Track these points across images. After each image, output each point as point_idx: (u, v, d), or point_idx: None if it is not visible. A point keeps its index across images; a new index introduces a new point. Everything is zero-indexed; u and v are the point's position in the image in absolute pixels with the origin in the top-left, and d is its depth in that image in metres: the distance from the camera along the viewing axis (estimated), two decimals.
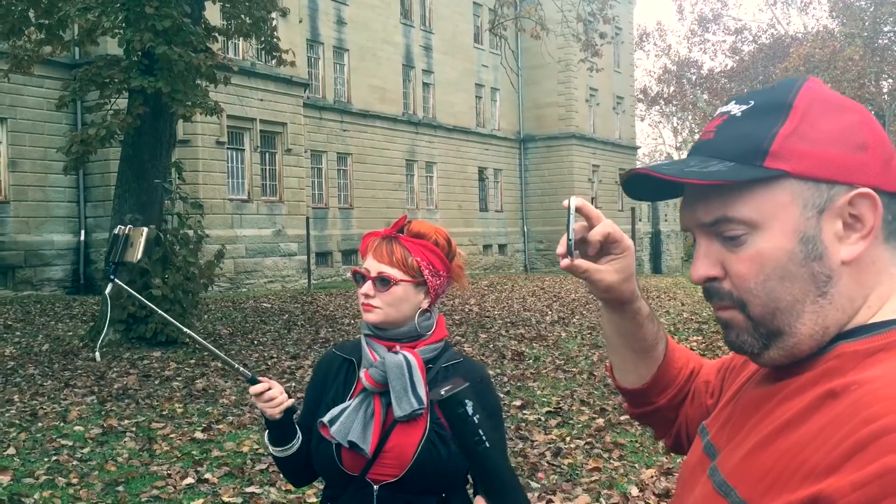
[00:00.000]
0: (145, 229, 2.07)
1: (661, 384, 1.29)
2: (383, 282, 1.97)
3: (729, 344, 0.94)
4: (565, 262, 1.11)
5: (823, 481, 0.74)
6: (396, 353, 1.95)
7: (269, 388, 2.00)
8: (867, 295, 0.87)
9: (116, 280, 2.07)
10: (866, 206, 0.85)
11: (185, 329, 2.22)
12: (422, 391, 1.92)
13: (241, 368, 2.10)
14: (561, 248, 1.11)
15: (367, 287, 1.97)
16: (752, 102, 0.91)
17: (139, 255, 2.06)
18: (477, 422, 0.80)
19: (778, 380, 0.91)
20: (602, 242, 1.15)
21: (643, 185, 1.00)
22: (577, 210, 1.14)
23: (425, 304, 2.02)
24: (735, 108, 0.92)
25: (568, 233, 1.11)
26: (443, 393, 0.80)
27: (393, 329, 2.00)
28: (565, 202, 1.14)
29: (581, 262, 1.13)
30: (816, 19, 64.95)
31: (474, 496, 1.86)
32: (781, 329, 0.88)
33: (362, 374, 1.98)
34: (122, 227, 2.09)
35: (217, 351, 2.19)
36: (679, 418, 1.31)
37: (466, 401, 0.80)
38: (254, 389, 2.00)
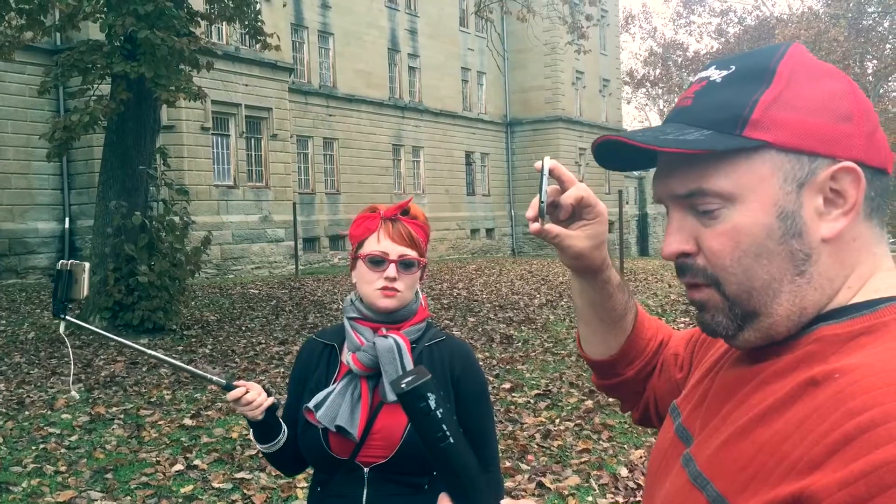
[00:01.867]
0: (87, 264, 2.05)
1: (630, 356, 1.26)
2: (407, 265, 1.93)
3: (702, 325, 0.90)
4: (535, 226, 1.07)
5: (807, 477, 0.70)
6: (386, 336, 1.93)
7: (247, 392, 1.94)
8: (847, 275, 0.83)
9: (68, 318, 2.05)
10: (849, 181, 0.80)
11: (149, 350, 2.18)
12: None
13: (214, 377, 2.04)
14: (531, 210, 1.07)
15: (392, 270, 1.91)
16: (734, 67, 0.85)
17: (85, 292, 2.02)
18: (440, 416, 0.75)
19: (755, 361, 0.87)
20: (574, 207, 1.11)
21: (616, 154, 0.95)
22: (550, 172, 1.10)
23: (419, 285, 2.01)
24: (715, 73, 0.87)
25: (540, 195, 1.06)
26: (403, 386, 0.75)
27: (398, 312, 1.96)
28: (538, 164, 1.10)
29: (552, 227, 1.10)
30: (801, 0, 65.08)
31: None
32: (757, 310, 0.84)
33: (349, 357, 1.95)
34: (64, 263, 2.05)
35: (184, 365, 2.14)
36: (647, 391, 1.28)
37: (429, 394, 0.75)
38: (231, 396, 1.94)
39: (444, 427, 0.77)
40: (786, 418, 0.77)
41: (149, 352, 2.17)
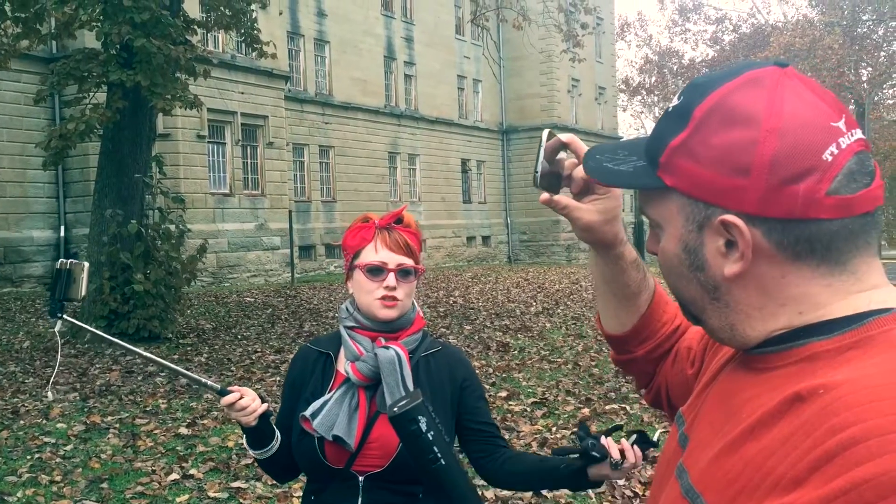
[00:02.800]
0: (86, 264, 2.02)
1: (642, 335, 1.28)
2: (405, 273, 1.94)
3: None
4: (545, 196, 1.13)
5: (790, 494, 0.70)
6: (387, 348, 1.93)
7: (241, 398, 1.93)
8: (784, 304, 0.83)
9: (65, 317, 2.03)
10: (736, 232, 0.81)
11: (145, 353, 2.16)
12: (410, 385, 1.90)
13: (209, 382, 2.04)
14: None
15: (391, 280, 1.91)
16: (682, 98, 0.87)
17: (83, 292, 2.00)
18: (431, 438, 0.76)
19: (751, 369, 0.87)
20: (586, 181, 1.14)
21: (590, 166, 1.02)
22: (567, 146, 1.14)
23: (414, 293, 2.01)
24: (674, 102, 0.89)
25: (535, 166, 1.11)
26: (395, 410, 0.76)
27: (397, 322, 1.97)
28: (542, 134, 1.15)
29: (560, 199, 1.14)
30: (796, 8, 65.28)
31: None
32: (696, 315, 0.92)
33: (348, 367, 1.94)
34: (63, 262, 2.02)
35: (180, 369, 2.14)
36: (659, 376, 1.29)
37: (420, 417, 0.75)
38: (225, 401, 1.94)
39: (436, 449, 0.77)
40: (773, 434, 0.77)
41: (143, 353, 2.17)
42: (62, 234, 20.02)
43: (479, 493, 0.95)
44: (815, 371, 0.78)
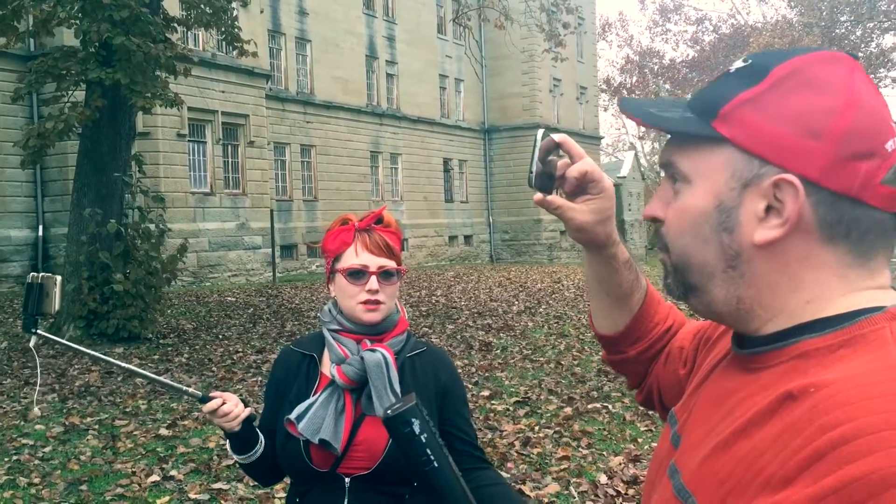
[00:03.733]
0: (58, 277, 1.98)
1: (633, 335, 1.28)
2: (388, 275, 1.92)
3: (664, 286, 0.96)
4: (538, 196, 1.12)
5: (779, 493, 0.70)
6: (374, 351, 1.91)
7: (223, 403, 1.91)
8: (797, 288, 0.83)
9: (40, 332, 2.00)
10: (789, 194, 0.80)
11: (123, 364, 2.14)
12: (398, 387, 1.89)
13: (189, 389, 2.02)
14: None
15: (374, 283, 1.89)
16: (750, 61, 0.88)
17: (57, 306, 1.96)
18: (424, 441, 0.75)
19: (743, 368, 0.88)
20: (579, 181, 1.14)
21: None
22: (560, 146, 1.14)
23: (397, 294, 2.00)
24: (737, 63, 0.90)
25: (530, 166, 1.11)
26: (388, 412, 0.75)
27: (381, 324, 1.95)
28: (535, 135, 1.15)
29: (554, 199, 1.13)
30: (775, 9, 65.84)
31: None
32: (695, 285, 0.89)
33: (333, 370, 1.92)
34: (35, 275, 1.99)
35: (159, 378, 2.11)
36: (650, 376, 1.30)
37: (413, 419, 0.75)
38: (206, 408, 1.92)
39: (429, 451, 0.76)
40: (764, 432, 0.77)
41: (122, 364, 2.13)
42: (40, 233, 19.82)
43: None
44: (807, 369, 0.78)
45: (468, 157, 36.96)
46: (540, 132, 1.13)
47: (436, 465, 0.76)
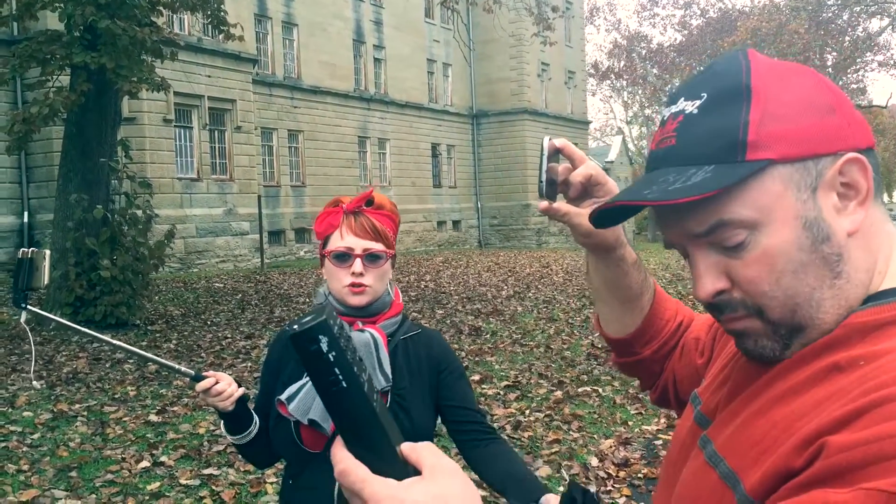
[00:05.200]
0: (47, 252, 1.98)
1: (647, 335, 1.27)
2: (373, 258, 1.90)
3: (747, 352, 0.87)
4: (543, 204, 1.10)
5: (815, 444, 0.70)
6: (363, 331, 1.90)
7: (216, 383, 1.91)
8: (875, 260, 0.83)
9: (29, 307, 1.97)
10: (856, 171, 0.80)
11: (115, 341, 2.11)
12: (388, 368, 1.88)
13: (182, 368, 2.00)
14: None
15: (358, 265, 1.88)
16: (705, 95, 0.83)
17: (46, 280, 1.96)
18: (332, 360, 0.71)
19: None
20: (584, 185, 1.12)
21: (615, 213, 0.92)
22: (560, 151, 1.11)
23: (390, 276, 1.98)
24: (689, 105, 0.84)
25: (539, 175, 1.08)
26: (295, 328, 0.71)
27: (371, 306, 1.93)
28: (542, 143, 1.12)
29: (560, 205, 1.11)
30: None
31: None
32: (803, 324, 0.82)
33: None
34: (25, 251, 1.98)
35: (153, 356, 2.09)
36: (665, 372, 1.28)
37: (321, 336, 0.70)
38: (200, 387, 1.91)
39: (337, 371, 0.72)
40: (804, 399, 0.77)
41: (113, 341, 2.11)
42: (26, 219, 19.67)
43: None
44: (853, 344, 0.78)
45: (456, 142, 36.87)
46: (546, 140, 1.11)
47: (344, 384, 0.72)
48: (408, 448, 0.74)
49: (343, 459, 0.73)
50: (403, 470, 0.73)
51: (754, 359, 0.87)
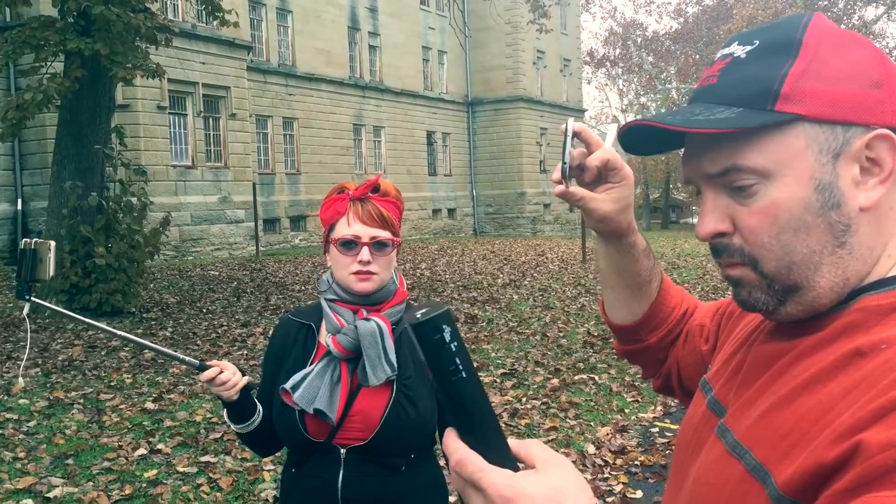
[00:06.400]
0: (52, 242, 1.94)
1: (653, 322, 1.27)
2: (380, 246, 1.89)
3: (740, 302, 0.88)
4: (559, 188, 1.08)
5: (851, 439, 0.69)
6: (368, 320, 1.88)
7: (221, 372, 1.90)
8: (886, 243, 0.82)
9: (34, 298, 1.95)
10: (885, 149, 0.79)
11: (119, 332, 2.09)
12: (393, 357, 1.87)
13: (187, 358, 1.99)
14: (556, 173, 1.08)
15: (365, 254, 1.87)
16: (757, 42, 0.84)
17: (52, 272, 1.92)
18: (454, 349, 0.73)
19: (792, 334, 0.86)
20: (600, 169, 1.11)
21: (642, 138, 0.93)
22: (576, 135, 1.10)
23: (395, 263, 1.97)
24: (739, 49, 0.85)
25: (563, 157, 1.07)
26: (418, 316, 0.72)
27: (376, 294, 1.92)
28: (563, 126, 1.10)
29: (577, 190, 1.10)
30: None
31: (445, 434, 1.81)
32: (798, 283, 0.82)
33: (329, 339, 1.90)
34: (28, 241, 1.94)
35: (157, 346, 2.08)
36: (669, 359, 1.28)
37: (444, 326, 0.72)
38: (204, 376, 1.90)
39: (458, 361, 0.73)
40: (830, 388, 0.76)
41: (118, 332, 2.09)
42: (19, 207, 19.58)
43: None
44: (870, 327, 0.78)
45: (451, 130, 36.79)
46: (571, 121, 1.10)
47: (464, 375, 0.73)
48: (516, 445, 0.75)
49: (458, 449, 0.73)
50: (515, 464, 0.74)
51: (747, 310, 0.89)
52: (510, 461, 0.74)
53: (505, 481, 0.70)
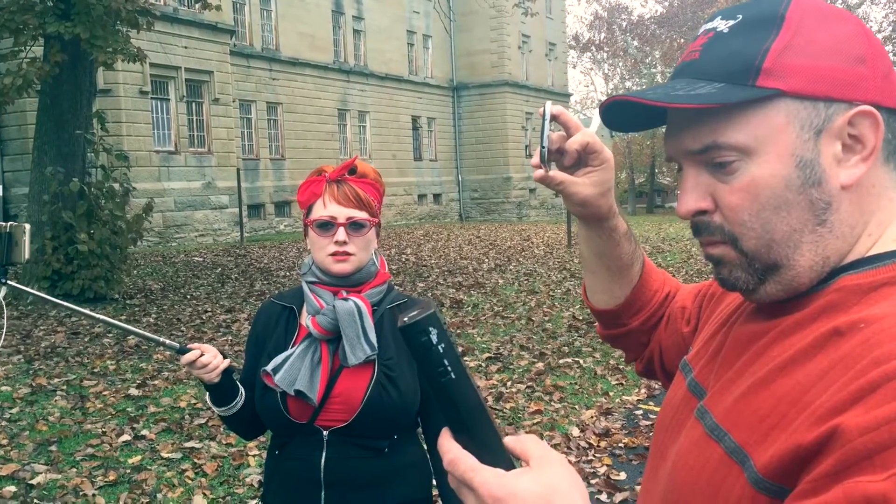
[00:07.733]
0: (27, 225, 1.93)
1: (635, 306, 1.26)
2: (357, 226, 1.89)
3: (721, 281, 0.88)
4: (539, 172, 1.07)
5: (829, 422, 0.68)
6: (346, 299, 1.89)
7: (202, 355, 1.90)
8: (867, 222, 0.81)
9: (9, 282, 1.93)
10: (867, 126, 0.78)
11: (97, 315, 2.07)
12: (373, 336, 1.87)
13: (167, 341, 1.98)
14: (535, 158, 1.06)
15: (341, 234, 1.87)
16: (741, 16, 0.83)
17: (27, 255, 1.91)
18: (441, 351, 0.72)
19: (772, 314, 0.85)
20: (580, 153, 1.10)
21: (625, 114, 0.92)
22: (555, 118, 1.09)
23: (375, 245, 1.96)
24: (721, 24, 0.84)
25: (542, 141, 1.05)
26: (406, 319, 0.72)
27: (356, 275, 1.92)
28: (540, 109, 1.09)
29: (556, 174, 1.09)
30: None
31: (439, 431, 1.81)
32: (778, 262, 0.82)
33: (308, 321, 1.91)
34: (3, 225, 1.92)
35: (136, 329, 2.07)
36: (651, 343, 1.28)
37: (430, 328, 0.72)
38: (185, 359, 1.90)
39: (446, 362, 0.73)
40: (808, 368, 0.75)
41: (96, 315, 2.08)
42: (0, 193, 19.40)
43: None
44: (849, 307, 0.77)
45: (437, 114, 36.71)
46: (549, 104, 1.08)
47: (452, 376, 0.73)
48: (512, 441, 0.75)
49: (451, 449, 0.73)
50: (510, 461, 0.74)
51: (728, 289, 0.88)
52: (505, 459, 0.74)
53: (496, 481, 0.70)
